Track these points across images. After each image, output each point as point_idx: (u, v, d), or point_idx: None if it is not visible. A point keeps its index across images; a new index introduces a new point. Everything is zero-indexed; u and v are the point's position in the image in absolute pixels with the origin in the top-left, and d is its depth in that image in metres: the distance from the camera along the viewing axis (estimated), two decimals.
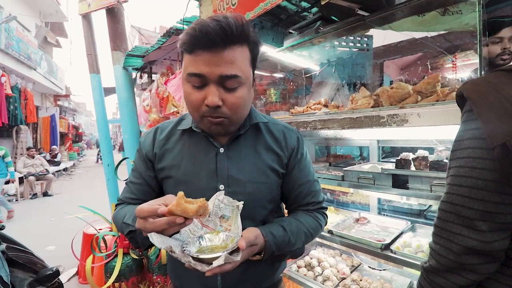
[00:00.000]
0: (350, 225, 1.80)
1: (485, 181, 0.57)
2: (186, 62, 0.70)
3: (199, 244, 0.67)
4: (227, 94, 0.70)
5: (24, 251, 1.28)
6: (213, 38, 0.64)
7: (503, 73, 0.60)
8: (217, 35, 0.64)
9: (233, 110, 0.72)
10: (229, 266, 0.62)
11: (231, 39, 0.66)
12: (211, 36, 0.63)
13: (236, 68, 0.68)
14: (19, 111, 8.11)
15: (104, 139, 4.33)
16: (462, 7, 1.24)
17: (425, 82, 1.20)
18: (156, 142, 0.87)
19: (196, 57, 0.67)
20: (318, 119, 1.54)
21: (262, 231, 0.75)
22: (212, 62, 0.66)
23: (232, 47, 0.67)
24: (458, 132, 0.65)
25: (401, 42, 2.26)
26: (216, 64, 0.66)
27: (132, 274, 2.01)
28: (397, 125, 1.16)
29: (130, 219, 0.76)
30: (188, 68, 0.69)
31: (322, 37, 1.62)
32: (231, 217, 0.71)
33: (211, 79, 0.68)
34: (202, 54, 0.66)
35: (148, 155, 0.86)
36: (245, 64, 0.71)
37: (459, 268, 0.60)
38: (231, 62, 0.67)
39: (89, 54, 4.25)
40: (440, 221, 0.64)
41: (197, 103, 0.70)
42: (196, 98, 0.70)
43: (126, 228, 0.76)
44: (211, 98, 0.68)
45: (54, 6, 10.49)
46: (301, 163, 0.89)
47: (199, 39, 0.65)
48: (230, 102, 0.70)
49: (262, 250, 0.74)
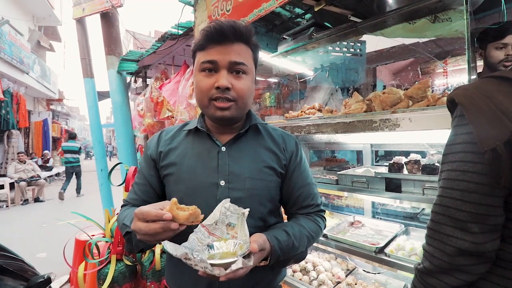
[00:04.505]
0: (345, 229, 1.81)
1: (476, 184, 0.58)
2: (200, 57, 0.81)
3: (208, 252, 0.68)
4: (235, 80, 0.79)
5: (15, 258, 1.26)
6: (226, 32, 0.76)
7: (493, 80, 0.62)
8: (229, 30, 0.76)
9: (240, 95, 0.80)
10: (242, 271, 0.63)
11: (239, 36, 0.78)
12: (224, 30, 0.76)
13: (243, 58, 0.79)
14: (11, 115, 7.98)
15: (97, 144, 4.29)
16: (451, 15, 1.27)
17: (415, 88, 1.22)
18: (162, 142, 0.92)
19: (209, 49, 0.78)
20: (312, 123, 1.55)
21: (267, 236, 0.76)
22: (223, 51, 0.77)
23: (239, 43, 0.79)
24: (449, 136, 0.66)
25: (393, 48, 2.30)
26: (226, 53, 0.78)
27: (125, 281, 1.98)
28: (389, 129, 1.18)
29: (128, 221, 0.78)
30: (201, 59, 0.80)
31: (316, 43, 1.64)
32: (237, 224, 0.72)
33: (222, 65, 0.78)
34: (214, 47, 0.78)
35: (152, 155, 0.91)
36: (250, 60, 0.82)
37: (452, 269, 0.61)
38: (239, 53, 0.79)
39: (83, 58, 4.22)
40: (434, 224, 0.65)
41: (208, 87, 0.79)
42: (206, 83, 0.79)
43: (124, 229, 0.79)
44: (222, 80, 0.77)
45: (48, 10, 10.41)
46: (301, 166, 0.93)
47: (213, 34, 0.77)
48: (238, 87, 0.79)
49: (268, 255, 0.75)
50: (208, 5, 2.08)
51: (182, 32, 2.66)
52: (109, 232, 2.07)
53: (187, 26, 2.59)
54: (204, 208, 0.71)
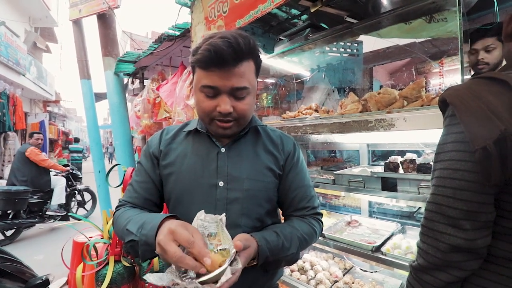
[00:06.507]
0: (342, 228, 1.82)
1: (468, 182, 0.60)
2: (200, 76, 0.78)
3: None
4: (237, 102, 0.78)
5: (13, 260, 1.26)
6: (226, 58, 0.72)
7: (483, 81, 0.63)
8: (229, 55, 0.72)
9: (242, 115, 0.80)
10: (234, 276, 0.64)
11: (241, 57, 0.75)
12: (224, 56, 0.71)
13: (245, 80, 0.77)
14: (7, 117, 7.93)
15: (95, 145, 4.28)
16: (447, 15, 1.28)
17: (410, 88, 1.23)
18: (162, 140, 0.92)
19: (210, 72, 0.75)
20: (308, 123, 1.56)
21: (255, 236, 0.76)
22: (224, 77, 0.74)
23: (241, 63, 0.75)
24: (441, 136, 0.68)
25: (389, 48, 2.32)
26: (227, 79, 0.75)
27: (123, 282, 1.98)
28: (384, 129, 1.19)
29: (134, 228, 0.73)
30: (202, 81, 0.77)
31: (312, 44, 1.66)
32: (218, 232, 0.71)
33: (223, 91, 0.76)
34: (215, 70, 0.74)
35: (155, 152, 0.91)
36: (252, 76, 0.80)
37: (446, 265, 0.62)
38: (240, 76, 0.76)
39: (80, 59, 4.21)
40: (427, 221, 0.66)
41: (210, 109, 0.78)
42: (208, 105, 0.78)
43: (128, 236, 0.74)
44: (224, 106, 0.76)
45: (44, 11, 10.36)
46: (297, 166, 0.93)
47: (212, 59, 0.72)
48: (240, 108, 0.79)
49: (256, 255, 0.75)
50: (205, 7, 2.09)
51: (179, 33, 2.67)
52: (107, 233, 2.06)
53: (184, 27, 2.60)
54: (202, 208, 0.72)
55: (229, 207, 0.81)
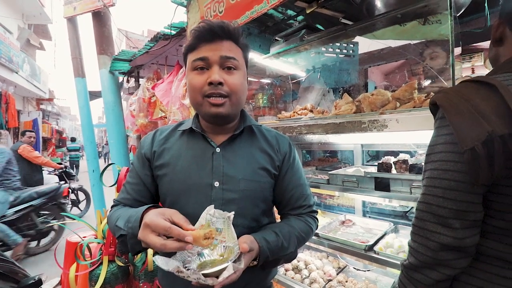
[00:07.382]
0: (336, 228, 1.84)
1: (457, 182, 0.61)
2: (191, 57, 0.82)
3: (199, 260, 0.69)
4: (227, 75, 0.80)
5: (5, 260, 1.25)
6: (215, 30, 0.78)
7: (472, 84, 0.65)
8: (218, 28, 0.79)
9: (233, 90, 0.81)
10: (235, 275, 0.65)
11: (229, 35, 0.81)
12: (214, 28, 0.78)
13: (233, 53, 0.81)
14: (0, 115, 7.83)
15: (89, 144, 4.24)
16: (441, 17, 1.30)
17: (403, 89, 1.25)
18: (156, 141, 0.92)
19: (200, 48, 0.80)
20: (303, 124, 1.57)
21: (255, 237, 0.77)
22: (213, 48, 0.80)
23: (229, 41, 0.81)
24: (432, 137, 0.69)
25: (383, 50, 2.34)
26: (217, 49, 0.79)
27: (117, 282, 1.97)
28: (378, 130, 1.21)
29: (122, 223, 0.76)
30: (193, 58, 0.81)
31: (308, 45, 1.67)
32: (224, 228, 0.72)
33: (213, 61, 0.79)
34: (205, 45, 0.80)
35: (147, 154, 0.90)
36: (240, 57, 0.84)
37: (436, 264, 0.64)
38: (229, 49, 0.81)
39: (74, 57, 4.17)
40: (418, 220, 0.68)
41: (200, 84, 0.80)
42: (199, 80, 0.80)
43: (117, 231, 0.77)
44: (214, 75, 0.78)
45: (38, 8, 10.22)
46: (294, 167, 0.94)
47: (203, 33, 0.79)
48: (230, 81, 0.80)
49: (257, 255, 0.76)
50: (201, 6, 2.09)
51: (175, 33, 2.66)
52: (101, 233, 2.05)
53: (180, 27, 2.59)
54: (198, 209, 0.72)
55: (225, 207, 0.81)
